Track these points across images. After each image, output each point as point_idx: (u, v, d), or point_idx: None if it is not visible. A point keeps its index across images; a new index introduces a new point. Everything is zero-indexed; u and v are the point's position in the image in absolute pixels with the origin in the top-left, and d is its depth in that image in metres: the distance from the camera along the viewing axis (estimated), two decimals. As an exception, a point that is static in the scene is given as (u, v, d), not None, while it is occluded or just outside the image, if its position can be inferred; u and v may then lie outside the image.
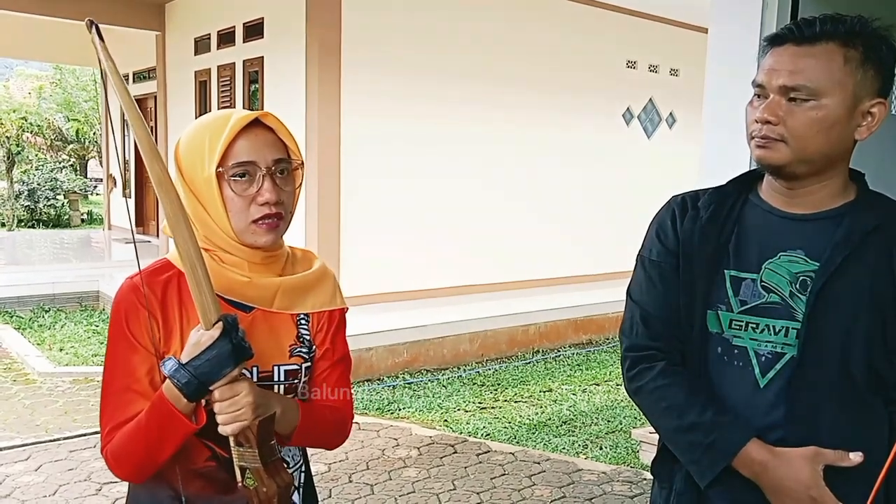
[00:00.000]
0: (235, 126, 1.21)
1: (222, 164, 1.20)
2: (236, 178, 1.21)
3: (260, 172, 1.22)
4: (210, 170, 1.20)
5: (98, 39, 1.09)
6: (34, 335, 6.68)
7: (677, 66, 8.60)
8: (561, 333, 6.92)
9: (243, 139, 1.22)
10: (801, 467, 1.19)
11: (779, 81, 1.23)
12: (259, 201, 1.22)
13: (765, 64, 1.27)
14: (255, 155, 1.22)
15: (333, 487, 3.77)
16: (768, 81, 1.24)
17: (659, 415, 1.34)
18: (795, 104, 1.22)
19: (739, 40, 2.60)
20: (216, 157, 1.20)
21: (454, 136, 6.81)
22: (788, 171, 1.26)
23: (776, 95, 1.23)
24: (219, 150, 1.20)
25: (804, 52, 1.22)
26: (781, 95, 1.23)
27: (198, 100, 7.92)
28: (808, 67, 1.21)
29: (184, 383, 1.11)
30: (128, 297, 1.23)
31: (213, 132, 1.22)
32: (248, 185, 1.22)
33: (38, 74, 20.92)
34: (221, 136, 1.20)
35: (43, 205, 14.88)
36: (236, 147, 1.21)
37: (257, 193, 1.22)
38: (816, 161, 1.25)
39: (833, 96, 1.21)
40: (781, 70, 1.23)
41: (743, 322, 1.29)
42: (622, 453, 4.33)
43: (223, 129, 1.21)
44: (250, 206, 1.22)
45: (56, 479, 3.77)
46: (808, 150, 1.23)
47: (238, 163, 1.21)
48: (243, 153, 1.22)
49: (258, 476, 1.14)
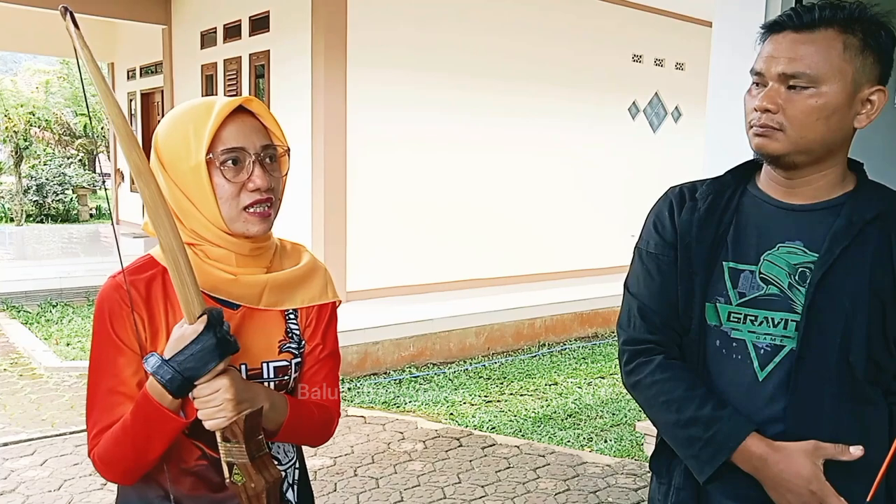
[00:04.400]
0: (222, 112, 1.18)
1: (211, 151, 1.17)
2: (226, 164, 1.18)
3: (249, 158, 1.19)
4: (198, 157, 1.16)
5: (73, 27, 1.06)
6: (41, 330, 6.71)
7: (683, 61, 8.55)
8: (567, 327, 6.90)
9: (231, 125, 1.19)
10: (801, 461, 1.17)
11: (777, 69, 1.20)
12: (250, 187, 1.19)
13: (763, 51, 1.25)
14: (243, 140, 1.19)
15: (339, 481, 3.77)
16: (767, 69, 1.22)
17: (657, 409, 1.32)
18: (794, 92, 1.20)
19: (743, 33, 2.57)
20: (204, 144, 1.16)
21: (460, 130, 6.79)
22: (787, 160, 1.24)
23: (775, 83, 1.21)
24: (207, 137, 1.16)
25: (803, 38, 1.20)
26: (780, 83, 1.21)
27: (204, 94, 7.92)
28: (808, 54, 1.19)
29: (167, 379, 1.08)
30: (111, 296, 1.19)
31: (197, 119, 1.18)
32: (238, 172, 1.19)
33: (46, 69, 20.97)
34: (208, 122, 1.17)
35: (51, 200, 14.91)
36: (224, 133, 1.18)
37: (248, 180, 1.19)
38: (815, 150, 1.23)
39: (833, 83, 1.19)
40: (780, 57, 1.21)
41: (741, 314, 1.27)
42: (627, 446, 4.31)
43: (208, 116, 1.17)
44: (241, 193, 1.19)
45: (61, 473, 3.78)
46: (808, 139, 1.21)
47: (228, 149, 1.18)
48: (231, 139, 1.18)
49: (246, 472, 1.12)
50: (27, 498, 3.52)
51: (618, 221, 7.88)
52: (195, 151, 1.17)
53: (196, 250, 1.22)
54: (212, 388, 1.10)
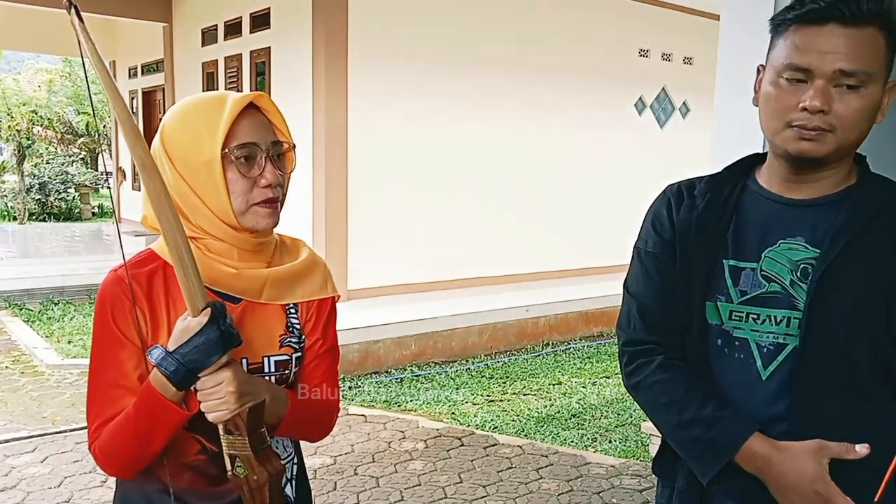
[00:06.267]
0: (237, 106, 1.19)
1: (226, 146, 1.18)
2: (241, 159, 1.19)
3: (261, 154, 1.21)
4: (213, 151, 1.17)
5: (77, 21, 1.06)
6: (43, 327, 6.71)
7: (691, 55, 8.49)
8: (571, 326, 6.88)
9: (243, 120, 1.20)
10: (806, 461, 1.15)
11: (836, 65, 1.13)
12: (262, 184, 1.21)
13: (804, 43, 1.15)
14: (255, 136, 1.21)
15: (339, 480, 3.75)
16: (819, 64, 1.14)
17: (659, 410, 1.30)
18: (844, 90, 1.14)
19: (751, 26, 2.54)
20: (219, 138, 1.17)
21: (463, 126, 6.76)
22: (824, 160, 1.19)
23: (822, 81, 1.14)
24: (222, 131, 1.17)
25: (854, 34, 1.13)
26: (830, 81, 1.14)
27: (205, 91, 7.91)
28: (863, 51, 1.13)
29: (171, 371, 1.09)
30: (112, 290, 1.20)
31: (209, 113, 1.19)
32: (251, 167, 1.20)
33: (48, 68, 20.95)
34: (221, 116, 1.18)
35: (54, 198, 14.93)
36: (237, 128, 1.19)
37: (260, 176, 1.21)
38: (850, 150, 1.20)
39: (877, 81, 1.16)
40: (836, 53, 1.13)
41: (743, 313, 1.25)
42: (632, 447, 4.29)
43: (221, 110, 1.18)
44: (253, 188, 1.21)
45: (62, 470, 3.78)
46: (850, 139, 1.17)
47: (242, 144, 1.19)
48: (244, 134, 1.19)
49: (248, 464, 1.12)
50: (27, 495, 3.51)
51: (623, 219, 7.83)
52: (209, 146, 1.18)
53: (198, 244, 1.23)
54: (215, 380, 1.11)
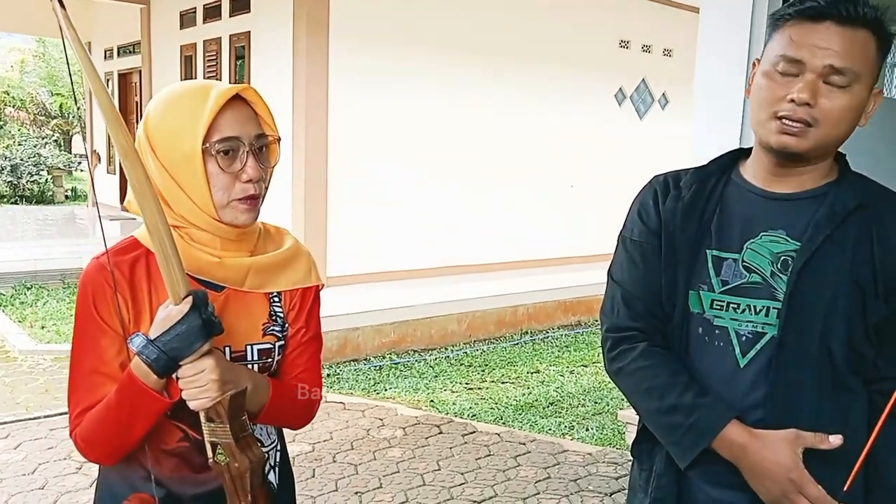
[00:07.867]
0: (220, 100, 1.17)
1: (206, 140, 1.16)
2: (221, 154, 1.18)
3: (243, 148, 1.20)
4: (194, 145, 1.16)
5: (59, 7, 1.05)
6: (15, 312, 6.61)
7: (671, 47, 8.54)
8: (549, 315, 6.92)
9: (226, 113, 1.18)
10: (781, 450, 1.18)
11: (827, 61, 1.16)
12: (243, 179, 1.20)
13: (798, 37, 1.19)
14: (238, 130, 1.19)
15: (317, 467, 3.76)
16: (811, 58, 1.17)
17: (640, 396, 1.32)
18: (831, 87, 1.17)
19: (731, 20, 2.56)
20: (201, 132, 1.16)
21: (443, 113, 6.74)
22: (804, 155, 1.22)
23: (812, 75, 1.17)
24: (203, 125, 1.16)
25: (849, 33, 1.17)
26: (819, 76, 1.17)
27: (183, 75, 7.80)
28: (855, 50, 1.17)
29: (153, 359, 1.09)
30: (95, 277, 1.19)
31: (192, 105, 1.17)
32: (232, 162, 1.19)
33: (21, 47, 20.53)
34: (204, 109, 1.16)
35: (26, 181, 14.67)
36: (220, 121, 1.17)
37: (241, 171, 1.20)
38: (831, 147, 1.23)
39: (864, 83, 1.19)
40: (829, 49, 1.16)
41: (724, 302, 1.27)
42: (608, 434, 4.34)
43: (204, 103, 1.16)
44: (234, 183, 1.20)
45: (36, 457, 3.74)
46: (832, 136, 1.20)
47: (224, 138, 1.17)
48: (227, 128, 1.18)
49: (230, 451, 1.12)
50: (1, 482, 3.47)
51: (602, 209, 7.89)
52: (191, 139, 1.16)
53: (181, 233, 1.22)
54: (196, 368, 1.10)
